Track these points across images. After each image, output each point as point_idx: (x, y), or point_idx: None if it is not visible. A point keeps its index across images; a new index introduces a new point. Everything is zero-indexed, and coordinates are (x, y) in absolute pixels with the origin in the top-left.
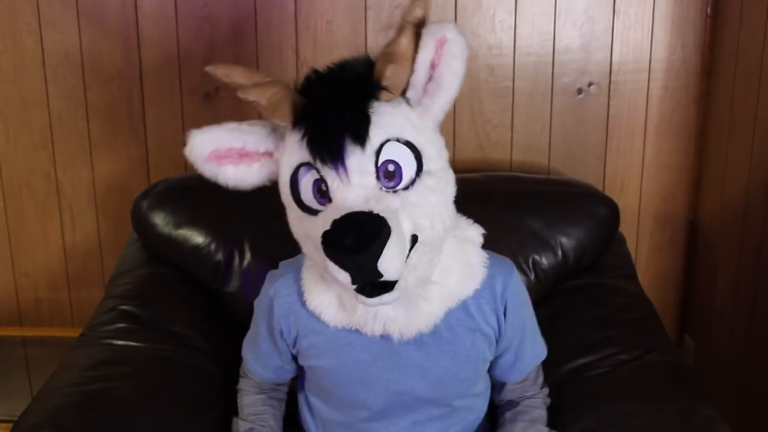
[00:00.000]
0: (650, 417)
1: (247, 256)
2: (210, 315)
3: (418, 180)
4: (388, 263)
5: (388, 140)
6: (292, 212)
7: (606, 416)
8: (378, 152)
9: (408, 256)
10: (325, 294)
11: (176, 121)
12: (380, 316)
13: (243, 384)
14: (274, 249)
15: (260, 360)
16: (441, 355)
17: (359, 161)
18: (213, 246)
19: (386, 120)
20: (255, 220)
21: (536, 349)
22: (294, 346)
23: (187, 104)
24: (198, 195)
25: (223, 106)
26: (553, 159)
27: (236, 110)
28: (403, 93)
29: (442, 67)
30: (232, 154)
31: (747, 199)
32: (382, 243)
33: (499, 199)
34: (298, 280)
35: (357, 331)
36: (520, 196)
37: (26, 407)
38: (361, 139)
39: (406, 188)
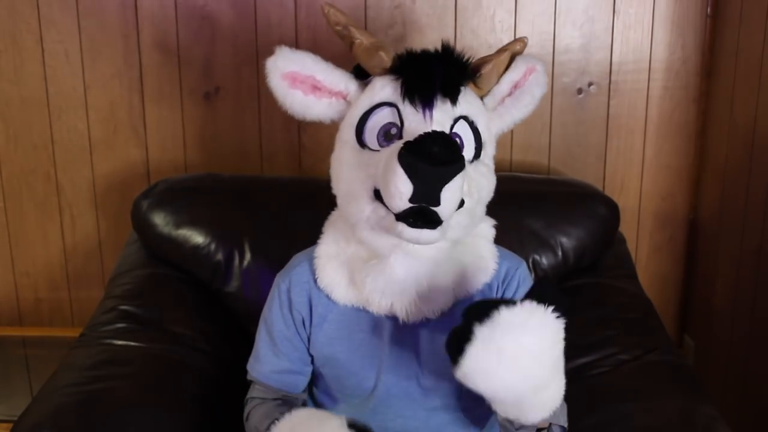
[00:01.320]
0: (650, 417)
1: (247, 256)
2: (210, 315)
3: (474, 163)
4: (450, 195)
5: (465, 116)
6: (348, 147)
7: (606, 416)
8: (455, 120)
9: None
10: (337, 271)
11: (176, 121)
12: (388, 292)
13: (252, 405)
14: (274, 249)
15: (280, 368)
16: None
17: (442, 114)
18: (213, 246)
19: (470, 99)
20: (255, 220)
21: None
22: (310, 336)
23: (187, 104)
24: (198, 195)
25: (223, 106)
26: (553, 159)
27: (236, 110)
28: (482, 97)
29: (524, 89)
30: (307, 81)
31: (747, 199)
32: (458, 168)
33: (499, 199)
34: (311, 263)
35: (366, 311)
36: (520, 196)
37: (26, 407)
38: (453, 96)
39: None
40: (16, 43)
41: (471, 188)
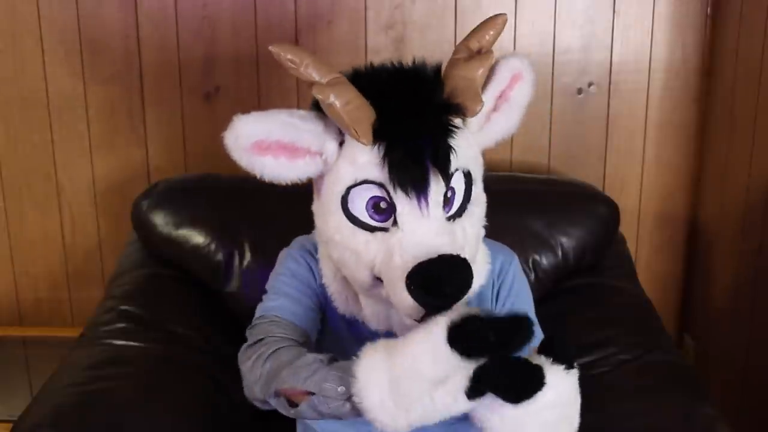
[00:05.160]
0: (650, 416)
1: (247, 256)
2: (210, 315)
3: (468, 208)
4: (459, 302)
5: (457, 170)
6: (335, 218)
7: (606, 416)
8: (449, 182)
9: None
10: (335, 284)
11: (176, 121)
12: (386, 318)
13: (268, 347)
14: (274, 249)
15: (297, 309)
16: None
17: (436, 192)
18: (213, 246)
19: (461, 151)
20: (255, 220)
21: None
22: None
23: (187, 104)
24: (198, 195)
25: (223, 106)
26: (553, 159)
27: (236, 110)
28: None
29: (511, 103)
30: (275, 146)
31: (747, 199)
32: (467, 290)
33: (499, 199)
34: (316, 261)
35: (363, 323)
36: (520, 196)
37: (26, 407)
38: (445, 172)
39: (458, 215)
40: (16, 43)
41: (468, 244)
